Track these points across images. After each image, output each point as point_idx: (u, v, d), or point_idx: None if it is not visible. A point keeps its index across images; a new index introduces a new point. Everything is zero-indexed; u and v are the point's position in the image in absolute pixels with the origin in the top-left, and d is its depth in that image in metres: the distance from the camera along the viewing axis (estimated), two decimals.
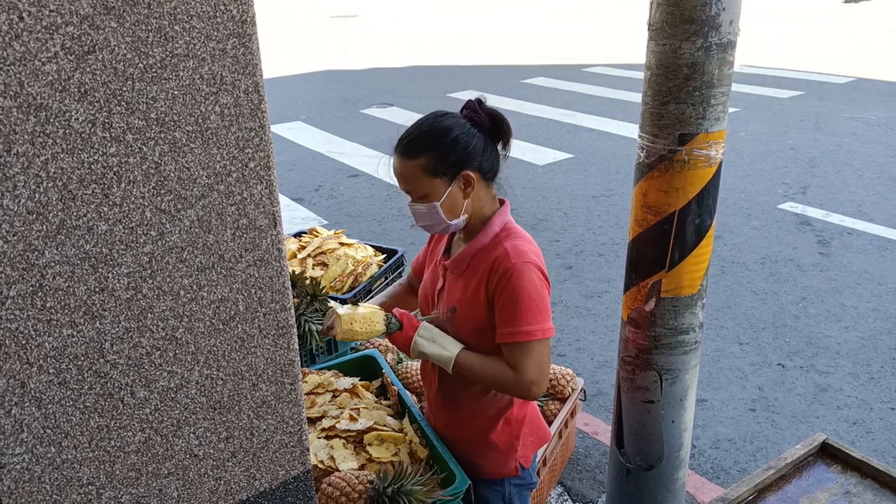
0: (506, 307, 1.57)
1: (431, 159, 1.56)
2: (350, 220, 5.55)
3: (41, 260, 0.92)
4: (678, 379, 1.98)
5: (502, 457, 1.78)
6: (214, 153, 1.03)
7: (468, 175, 1.58)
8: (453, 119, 1.60)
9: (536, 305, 1.56)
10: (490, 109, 1.63)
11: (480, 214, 1.66)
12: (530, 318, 1.56)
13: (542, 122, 8.31)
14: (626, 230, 4.62)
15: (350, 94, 10.35)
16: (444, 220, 1.61)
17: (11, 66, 0.84)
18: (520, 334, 1.56)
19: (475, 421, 1.76)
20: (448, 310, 1.70)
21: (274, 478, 1.27)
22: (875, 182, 5.95)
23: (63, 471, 1.03)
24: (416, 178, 1.58)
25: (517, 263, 1.56)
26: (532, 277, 1.57)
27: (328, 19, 21.13)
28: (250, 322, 1.15)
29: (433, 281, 1.79)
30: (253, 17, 1.02)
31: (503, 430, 1.76)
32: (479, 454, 1.79)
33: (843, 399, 3.24)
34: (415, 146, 1.58)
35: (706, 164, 1.74)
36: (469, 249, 1.66)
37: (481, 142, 1.60)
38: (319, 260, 3.03)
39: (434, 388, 1.83)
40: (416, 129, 1.60)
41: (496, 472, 1.80)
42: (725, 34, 1.65)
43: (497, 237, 1.63)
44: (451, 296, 1.70)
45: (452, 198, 1.60)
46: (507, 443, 1.77)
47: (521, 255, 1.58)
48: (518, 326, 1.56)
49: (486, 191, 1.65)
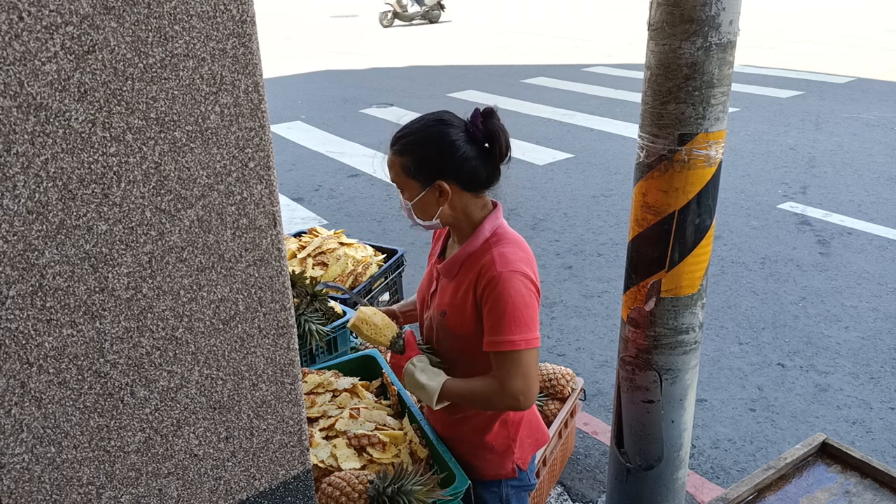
0: (490, 315, 1.55)
1: (410, 162, 1.57)
2: (350, 219, 5.55)
3: (41, 260, 0.92)
4: (678, 379, 1.98)
5: (499, 458, 1.78)
6: (214, 153, 1.03)
7: (441, 185, 1.57)
8: (447, 126, 1.56)
9: (521, 315, 1.53)
10: (492, 125, 1.56)
11: (467, 219, 1.63)
12: (514, 328, 1.52)
13: (542, 122, 8.31)
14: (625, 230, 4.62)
15: (350, 94, 10.35)
16: (416, 220, 1.65)
17: (11, 66, 0.84)
18: (504, 343, 1.53)
19: (471, 422, 1.76)
20: (439, 314, 1.70)
21: (274, 478, 1.27)
22: (875, 182, 5.95)
23: (63, 470, 1.03)
24: (397, 173, 1.61)
25: (503, 272, 1.53)
26: (518, 286, 1.53)
27: (328, 19, 21.13)
28: (250, 322, 1.15)
29: (428, 283, 1.80)
30: (253, 17, 1.02)
31: (499, 431, 1.75)
32: (476, 455, 1.79)
33: (843, 399, 3.24)
34: (401, 144, 1.59)
35: (706, 163, 1.74)
36: (460, 254, 1.64)
37: (470, 153, 1.56)
38: (319, 260, 3.03)
39: None
40: (409, 127, 1.60)
41: (493, 473, 1.79)
42: (725, 34, 1.65)
43: (487, 242, 1.61)
44: (442, 300, 1.70)
45: (424, 201, 1.60)
46: (504, 444, 1.76)
47: (507, 263, 1.55)
48: (502, 335, 1.53)
49: (471, 198, 1.62)
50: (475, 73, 11.70)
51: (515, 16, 20.17)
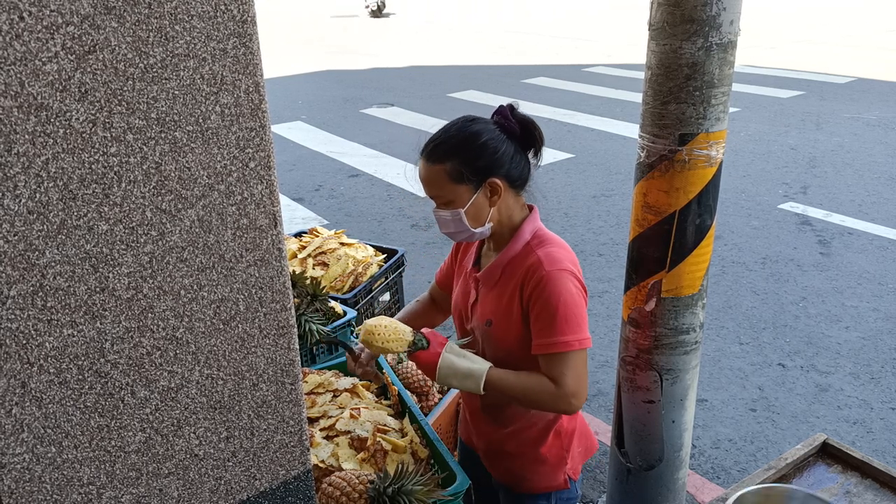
0: (541, 317, 1.51)
1: (457, 165, 1.51)
2: (350, 219, 5.55)
3: (42, 260, 0.92)
4: (678, 379, 1.98)
5: (552, 470, 1.71)
6: (215, 153, 1.03)
7: (494, 183, 1.53)
8: (482, 124, 1.55)
9: (573, 314, 1.50)
10: (522, 116, 1.57)
11: (509, 223, 1.61)
12: (566, 329, 1.49)
13: (542, 122, 8.16)
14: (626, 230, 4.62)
15: (350, 93, 10.36)
16: (469, 228, 1.56)
17: (12, 66, 0.84)
18: (557, 345, 1.49)
19: (524, 434, 1.69)
20: (484, 324, 1.64)
21: (274, 478, 1.27)
22: (875, 182, 5.95)
23: (63, 470, 1.03)
24: (440, 183, 1.53)
25: (551, 271, 1.51)
26: (568, 286, 1.51)
27: (328, 19, 21.13)
28: (251, 322, 1.15)
29: (465, 294, 1.72)
30: (253, 17, 1.02)
31: (554, 442, 1.69)
32: (528, 468, 1.72)
33: (844, 399, 3.24)
34: (441, 151, 1.52)
35: (706, 164, 1.74)
36: (500, 259, 1.60)
37: (511, 149, 1.55)
38: (320, 260, 3.03)
39: (476, 405, 1.76)
40: (444, 133, 1.55)
41: (544, 485, 1.73)
42: (726, 34, 1.65)
43: (528, 245, 1.58)
44: (484, 309, 1.64)
45: (477, 205, 1.54)
46: (558, 456, 1.70)
47: (555, 262, 1.53)
48: (555, 337, 1.49)
49: (514, 199, 1.60)
50: (475, 73, 11.70)
51: (515, 16, 20.17)
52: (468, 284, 1.71)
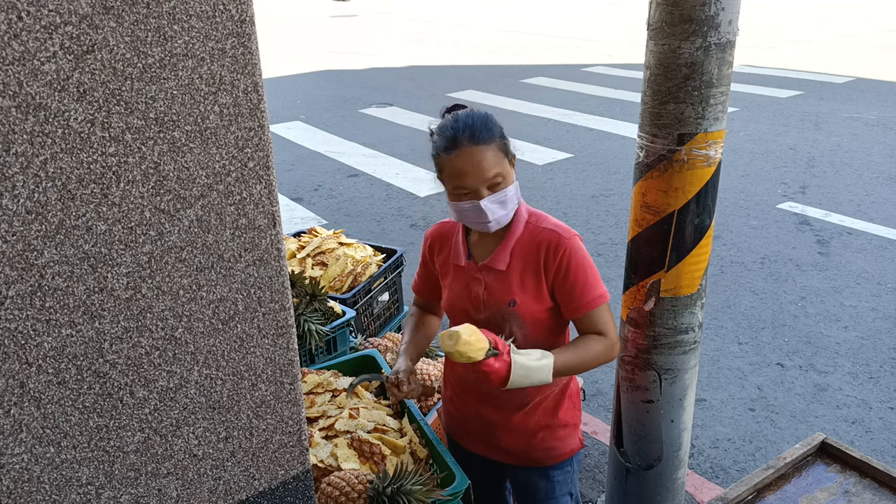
0: (578, 281, 1.63)
1: (500, 140, 1.59)
2: (349, 219, 5.55)
3: (40, 260, 0.92)
4: (677, 379, 1.98)
5: (571, 431, 1.81)
6: (213, 153, 1.03)
7: (513, 156, 1.63)
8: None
9: (595, 272, 1.67)
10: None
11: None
12: (597, 284, 1.65)
13: (541, 121, 8.31)
14: (625, 230, 4.62)
15: (349, 93, 10.35)
16: (516, 202, 1.63)
17: (10, 66, 0.84)
18: (596, 300, 1.64)
19: (543, 405, 1.77)
20: (507, 305, 1.66)
21: (273, 477, 1.27)
22: (874, 182, 5.95)
23: (62, 471, 1.02)
24: (498, 160, 1.57)
25: (571, 239, 1.64)
26: (583, 248, 1.67)
27: (328, 19, 21.13)
28: (249, 322, 1.15)
29: (465, 288, 1.72)
30: (252, 17, 1.02)
31: (568, 405, 1.80)
32: (552, 436, 1.79)
33: (843, 399, 3.24)
34: (486, 130, 1.56)
35: (705, 163, 1.74)
36: (507, 243, 1.66)
37: None
38: (319, 260, 3.03)
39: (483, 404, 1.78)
40: (469, 119, 1.57)
41: (567, 449, 1.81)
42: (725, 34, 1.65)
43: (529, 223, 1.67)
44: (503, 292, 1.66)
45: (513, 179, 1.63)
46: (573, 416, 1.82)
47: (566, 230, 1.66)
48: (592, 293, 1.64)
49: None
50: (475, 73, 11.70)
51: (515, 16, 20.16)
52: (468, 278, 1.72)
